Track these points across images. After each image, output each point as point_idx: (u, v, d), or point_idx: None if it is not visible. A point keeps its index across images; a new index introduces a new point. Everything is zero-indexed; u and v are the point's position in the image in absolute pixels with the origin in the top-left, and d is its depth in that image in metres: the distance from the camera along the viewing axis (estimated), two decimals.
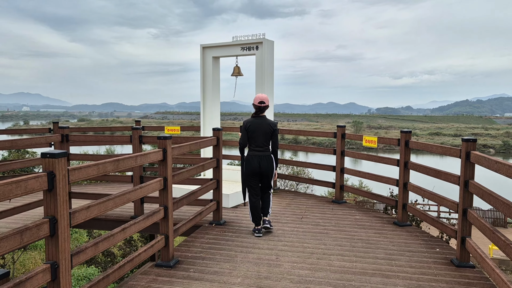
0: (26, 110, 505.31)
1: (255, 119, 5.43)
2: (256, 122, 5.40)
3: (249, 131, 5.39)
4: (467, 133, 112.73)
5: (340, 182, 7.42)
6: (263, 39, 7.72)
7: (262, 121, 5.42)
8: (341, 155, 7.32)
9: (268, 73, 7.88)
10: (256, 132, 5.36)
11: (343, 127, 7.35)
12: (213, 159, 5.79)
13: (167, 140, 4.29)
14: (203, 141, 5.37)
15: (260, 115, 5.47)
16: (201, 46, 8.48)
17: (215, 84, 8.55)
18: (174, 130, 9.10)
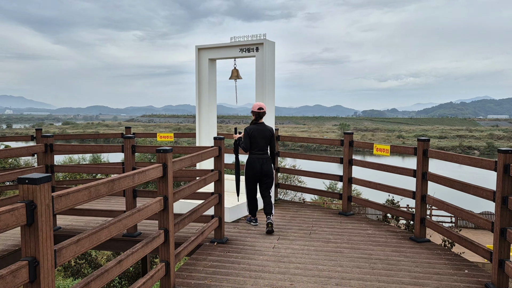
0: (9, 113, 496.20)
1: (256, 126, 6.05)
2: (258, 128, 6.02)
3: (251, 136, 5.97)
4: (452, 135, 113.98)
5: (348, 193, 6.94)
6: (264, 40, 7.21)
7: (263, 128, 6.06)
8: (349, 164, 6.84)
9: (269, 76, 7.38)
10: (257, 138, 5.96)
11: (351, 134, 6.87)
12: (214, 171, 5.25)
13: (167, 153, 3.75)
14: (205, 152, 4.83)
15: (259, 122, 6.10)
16: (197, 47, 7.93)
17: (212, 88, 8.01)
18: (167, 137, 8.52)
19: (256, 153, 5.99)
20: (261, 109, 6.06)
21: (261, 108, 6.06)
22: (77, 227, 6.12)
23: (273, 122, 7.58)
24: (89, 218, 6.42)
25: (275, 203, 7.77)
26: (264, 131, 6.01)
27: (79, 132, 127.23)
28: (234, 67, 7.85)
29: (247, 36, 7.41)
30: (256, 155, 5.98)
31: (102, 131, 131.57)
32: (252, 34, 7.38)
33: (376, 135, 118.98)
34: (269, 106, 7.37)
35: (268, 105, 7.35)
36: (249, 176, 6.05)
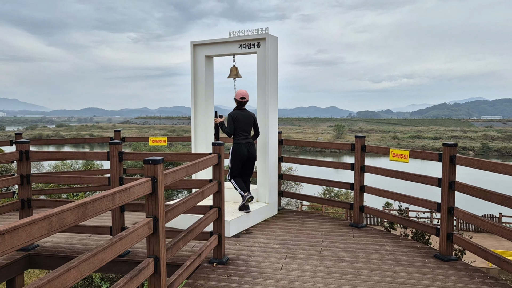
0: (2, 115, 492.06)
1: (240, 112, 6.19)
2: (242, 114, 6.17)
3: (236, 121, 6.10)
4: (447, 136, 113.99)
5: (360, 203, 6.29)
6: (266, 35, 6.56)
7: (246, 113, 6.22)
8: (361, 170, 6.19)
9: (272, 74, 6.72)
10: (242, 122, 6.11)
11: (363, 138, 6.22)
12: (213, 182, 4.58)
13: (157, 165, 3.07)
14: (202, 160, 4.16)
15: (242, 108, 6.23)
16: (192, 43, 7.26)
17: (208, 87, 7.34)
18: (160, 142, 7.84)
19: (241, 138, 6.12)
20: (243, 98, 6.20)
21: (244, 98, 6.20)
22: (58, 244, 5.43)
23: (276, 124, 6.92)
24: (72, 234, 5.73)
25: (278, 213, 7.11)
26: (249, 116, 6.17)
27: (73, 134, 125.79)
28: (233, 64, 7.19)
29: (247, 30, 6.75)
30: (242, 140, 6.12)
31: (96, 133, 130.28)
32: (253, 29, 6.72)
33: (371, 136, 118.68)
34: (271, 107, 6.71)
35: (271, 106, 6.69)
36: (237, 160, 6.14)
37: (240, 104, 6.24)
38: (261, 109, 6.77)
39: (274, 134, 6.88)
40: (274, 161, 6.91)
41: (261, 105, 6.76)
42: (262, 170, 6.84)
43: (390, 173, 5.66)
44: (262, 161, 6.82)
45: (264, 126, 6.73)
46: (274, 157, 6.92)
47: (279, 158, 7.21)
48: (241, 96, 6.20)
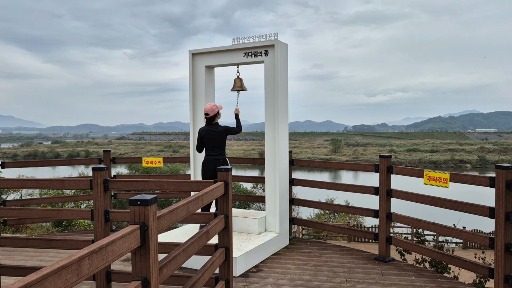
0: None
1: (208, 127, 5.80)
2: (209, 129, 5.77)
3: (203, 138, 5.77)
4: (443, 149, 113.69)
5: (386, 233, 5.42)
6: (275, 41, 5.77)
7: (214, 129, 5.77)
8: (387, 195, 5.35)
9: (282, 86, 5.92)
10: (212, 139, 5.74)
11: (388, 158, 5.39)
12: (219, 216, 3.72)
13: (148, 206, 2.21)
14: (206, 193, 3.30)
15: (212, 123, 5.81)
16: (190, 52, 6.46)
17: (209, 101, 6.52)
18: (155, 163, 6.97)
19: (209, 154, 5.80)
20: (207, 114, 5.76)
21: (207, 114, 5.76)
22: None
23: (286, 143, 6.10)
24: None
25: (290, 243, 6.22)
26: (216, 132, 5.74)
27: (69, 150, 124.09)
28: (237, 75, 6.39)
29: (254, 36, 5.97)
30: (210, 156, 5.79)
31: (92, 149, 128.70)
32: (260, 34, 5.94)
33: (368, 150, 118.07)
34: (281, 124, 5.89)
35: (281, 123, 5.87)
36: (203, 177, 5.83)
37: (207, 120, 5.81)
38: (270, 126, 5.95)
39: (285, 154, 6.05)
40: (285, 185, 6.05)
41: (270, 122, 5.94)
42: (271, 195, 5.98)
43: (425, 199, 4.81)
44: (271, 184, 5.96)
45: (273, 145, 5.90)
46: (285, 180, 6.07)
47: (290, 181, 6.36)
48: (204, 112, 5.78)
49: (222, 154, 5.83)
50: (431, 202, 4.75)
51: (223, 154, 5.84)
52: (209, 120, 5.80)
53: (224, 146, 5.84)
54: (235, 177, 6.84)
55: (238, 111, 6.06)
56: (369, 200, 6.43)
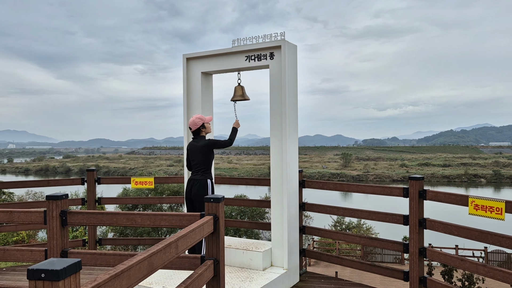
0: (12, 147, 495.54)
1: (192, 141, 5.05)
2: (193, 144, 5.01)
3: (188, 154, 5.06)
4: (456, 163, 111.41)
5: (419, 273, 4.42)
6: (283, 42, 4.90)
7: (198, 142, 4.95)
8: (420, 226, 4.37)
9: (290, 94, 5.02)
10: (194, 155, 4.96)
11: (421, 180, 4.42)
12: (207, 261, 2.79)
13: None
14: (183, 235, 2.38)
15: (197, 136, 5.00)
16: (184, 57, 5.62)
17: (207, 113, 5.65)
18: (145, 183, 6.09)
19: (192, 172, 4.98)
20: (190, 128, 4.99)
21: (190, 128, 4.99)
22: None
23: (296, 161, 5.17)
24: None
25: (301, 280, 5.24)
26: (198, 146, 4.89)
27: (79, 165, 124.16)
28: (238, 83, 5.51)
29: (257, 37, 5.10)
30: (191, 175, 4.99)
31: (102, 164, 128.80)
32: (264, 34, 5.07)
33: (379, 164, 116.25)
34: (290, 139, 4.97)
35: (289, 137, 4.95)
36: (185, 200, 5.05)
37: (193, 135, 5.04)
38: (276, 142, 5.04)
39: (294, 174, 5.11)
40: (294, 211, 5.11)
41: (276, 137, 5.03)
42: (278, 224, 5.03)
43: (471, 233, 3.82)
44: (277, 211, 5.02)
45: (280, 163, 4.98)
46: (294, 205, 5.13)
47: (301, 205, 5.41)
48: (188, 125, 5.05)
49: (204, 174, 4.87)
50: (479, 238, 3.77)
51: (205, 174, 4.87)
52: (194, 134, 5.00)
53: (208, 164, 4.90)
54: (235, 201, 5.93)
55: (237, 123, 5.17)
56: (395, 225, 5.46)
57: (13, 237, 14.92)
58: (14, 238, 14.90)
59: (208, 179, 4.86)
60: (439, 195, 4.20)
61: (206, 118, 4.99)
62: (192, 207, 4.93)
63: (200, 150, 4.86)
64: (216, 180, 5.93)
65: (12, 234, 14.83)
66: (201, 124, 4.92)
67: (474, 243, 14.23)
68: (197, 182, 4.82)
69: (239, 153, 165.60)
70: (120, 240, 8.91)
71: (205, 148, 4.85)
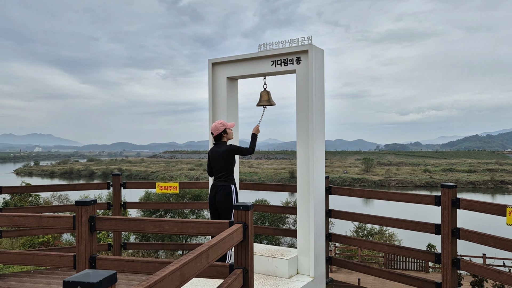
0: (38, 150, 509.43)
1: (214, 147, 5.00)
2: (214, 150, 4.97)
3: (210, 160, 5.02)
4: (482, 169, 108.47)
5: (452, 284, 4.26)
6: (310, 46, 4.83)
7: (219, 148, 4.89)
8: (452, 236, 4.21)
9: (317, 99, 4.94)
10: (215, 161, 4.91)
11: (454, 188, 4.27)
12: (236, 270, 2.74)
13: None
14: (214, 245, 2.33)
15: (219, 142, 4.94)
16: (210, 62, 5.61)
17: (232, 118, 5.62)
18: (170, 189, 6.09)
19: (215, 179, 4.94)
20: (212, 133, 4.96)
21: (212, 133, 4.96)
22: None
23: (323, 167, 5.08)
24: None
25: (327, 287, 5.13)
26: (219, 152, 4.84)
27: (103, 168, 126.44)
28: (264, 88, 5.46)
29: (283, 42, 5.05)
30: (214, 182, 4.95)
31: (124, 167, 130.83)
32: (290, 39, 5.01)
33: (401, 170, 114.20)
34: (317, 145, 4.89)
35: (316, 144, 4.87)
36: (209, 207, 4.97)
37: (214, 140, 5.01)
38: (303, 148, 4.96)
39: (321, 181, 5.02)
40: (321, 218, 5.01)
41: (303, 143, 4.95)
42: (304, 231, 4.94)
43: (509, 245, 3.65)
44: (304, 217, 4.93)
45: (307, 170, 4.89)
46: (321, 212, 5.03)
47: (327, 212, 5.30)
48: (210, 130, 5.07)
49: (227, 180, 4.82)
50: None
51: (228, 180, 4.82)
52: (216, 139, 4.96)
53: (230, 169, 4.84)
54: (260, 207, 5.87)
55: (257, 129, 5.09)
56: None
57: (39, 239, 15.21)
58: (40, 239, 15.17)
59: (232, 185, 4.83)
60: (473, 204, 4.03)
61: (229, 124, 4.94)
62: (216, 214, 4.89)
63: (221, 155, 4.81)
64: (240, 186, 5.89)
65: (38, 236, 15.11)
66: (223, 129, 4.88)
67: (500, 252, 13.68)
68: (220, 189, 4.78)
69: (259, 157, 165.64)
70: (144, 245, 8.94)
71: (225, 154, 4.79)
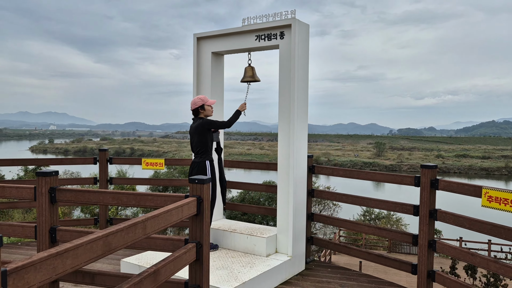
0: (53, 129, 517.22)
1: (192, 123, 4.87)
2: (191, 126, 4.86)
3: (190, 135, 4.88)
4: (497, 155, 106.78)
5: (428, 266, 4.18)
6: (293, 20, 4.68)
7: (194, 123, 4.79)
8: (430, 217, 4.11)
9: (300, 75, 4.81)
10: (192, 137, 4.82)
11: (434, 168, 4.15)
12: (189, 244, 2.70)
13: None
14: (156, 215, 2.29)
15: (197, 117, 4.82)
16: (195, 36, 5.50)
17: (217, 95, 5.53)
18: (156, 165, 6.08)
19: (194, 155, 4.84)
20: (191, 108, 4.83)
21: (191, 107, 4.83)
22: None
23: (305, 146, 4.98)
24: None
25: (307, 268, 5.10)
26: (193, 127, 4.75)
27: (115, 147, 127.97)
28: (249, 63, 5.35)
29: (267, 15, 4.90)
30: (193, 159, 4.84)
31: (137, 147, 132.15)
32: (274, 13, 4.86)
33: (414, 154, 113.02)
34: (299, 122, 4.79)
35: (298, 121, 4.77)
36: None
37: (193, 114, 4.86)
38: (284, 125, 4.86)
39: (302, 159, 4.93)
40: (301, 197, 4.94)
41: (284, 119, 4.86)
42: (283, 209, 4.89)
43: (484, 227, 3.55)
44: (283, 196, 4.88)
45: (288, 147, 4.81)
46: (302, 192, 4.96)
47: (310, 191, 5.24)
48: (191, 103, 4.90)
49: (201, 156, 4.70)
50: (491, 232, 3.49)
51: (203, 156, 4.70)
52: (194, 114, 4.83)
53: (205, 145, 4.70)
54: (243, 185, 5.81)
55: (243, 106, 4.98)
56: None
57: None
58: None
59: (207, 161, 4.72)
60: (451, 185, 3.92)
61: (209, 101, 4.83)
62: None
63: (195, 130, 4.71)
64: (226, 164, 5.84)
65: None
66: (200, 104, 4.76)
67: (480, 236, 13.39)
68: (196, 165, 4.71)
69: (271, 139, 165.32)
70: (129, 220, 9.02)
71: (199, 128, 4.67)
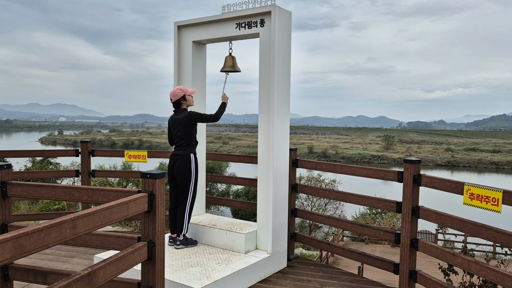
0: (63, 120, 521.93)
1: (174, 115, 4.76)
2: (174, 117, 4.73)
3: (170, 128, 4.80)
4: (507, 149, 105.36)
5: (410, 266, 3.98)
6: (273, 7, 4.46)
7: (178, 115, 4.67)
8: (413, 215, 3.91)
9: (281, 65, 4.60)
10: (175, 129, 4.70)
11: (417, 163, 3.93)
12: (141, 242, 2.54)
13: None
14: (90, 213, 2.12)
15: (178, 109, 4.72)
16: (176, 24, 5.30)
17: (198, 85, 5.35)
18: (139, 157, 5.92)
19: (175, 147, 4.75)
20: (171, 100, 4.72)
21: (171, 100, 4.72)
22: None
23: (287, 138, 4.79)
24: None
25: (289, 266, 4.92)
26: (179, 119, 4.63)
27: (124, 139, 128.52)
28: (229, 53, 5.15)
29: (247, 2, 4.69)
30: (173, 151, 4.76)
31: (145, 138, 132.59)
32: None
33: (423, 148, 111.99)
34: (279, 113, 4.59)
35: (278, 112, 4.57)
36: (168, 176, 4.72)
37: (174, 107, 4.75)
38: (264, 116, 4.67)
39: (283, 152, 4.74)
40: (283, 192, 4.76)
41: (264, 110, 4.66)
42: (263, 204, 4.71)
43: (465, 226, 3.33)
44: (263, 191, 4.70)
45: (267, 140, 4.62)
46: (283, 186, 4.77)
47: (293, 186, 5.04)
48: (170, 97, 4.78)
49: (186, 148, 4.63)
50: (472, 231, 3.27)
51: (187, 148, 4.64)
52: (174, 106, 4.72)
53: (190, 138, 4.63)
54: (226, 178, 5.64)
55: (225, 97, 4.85)
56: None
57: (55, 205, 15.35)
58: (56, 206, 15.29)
59: (192, 154, 4.67)
60: (434, 181, 3.70)
61: (189, 91, 4.72)
62: (175, 184, 4.73)
63: (180, 123, 4.61)
64: (208, 157, 5.67)
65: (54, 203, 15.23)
66: (181, 95, 4.65)
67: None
68: (179, 157, 4.63)
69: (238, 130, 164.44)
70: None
71: (184, 121, 4.58)
